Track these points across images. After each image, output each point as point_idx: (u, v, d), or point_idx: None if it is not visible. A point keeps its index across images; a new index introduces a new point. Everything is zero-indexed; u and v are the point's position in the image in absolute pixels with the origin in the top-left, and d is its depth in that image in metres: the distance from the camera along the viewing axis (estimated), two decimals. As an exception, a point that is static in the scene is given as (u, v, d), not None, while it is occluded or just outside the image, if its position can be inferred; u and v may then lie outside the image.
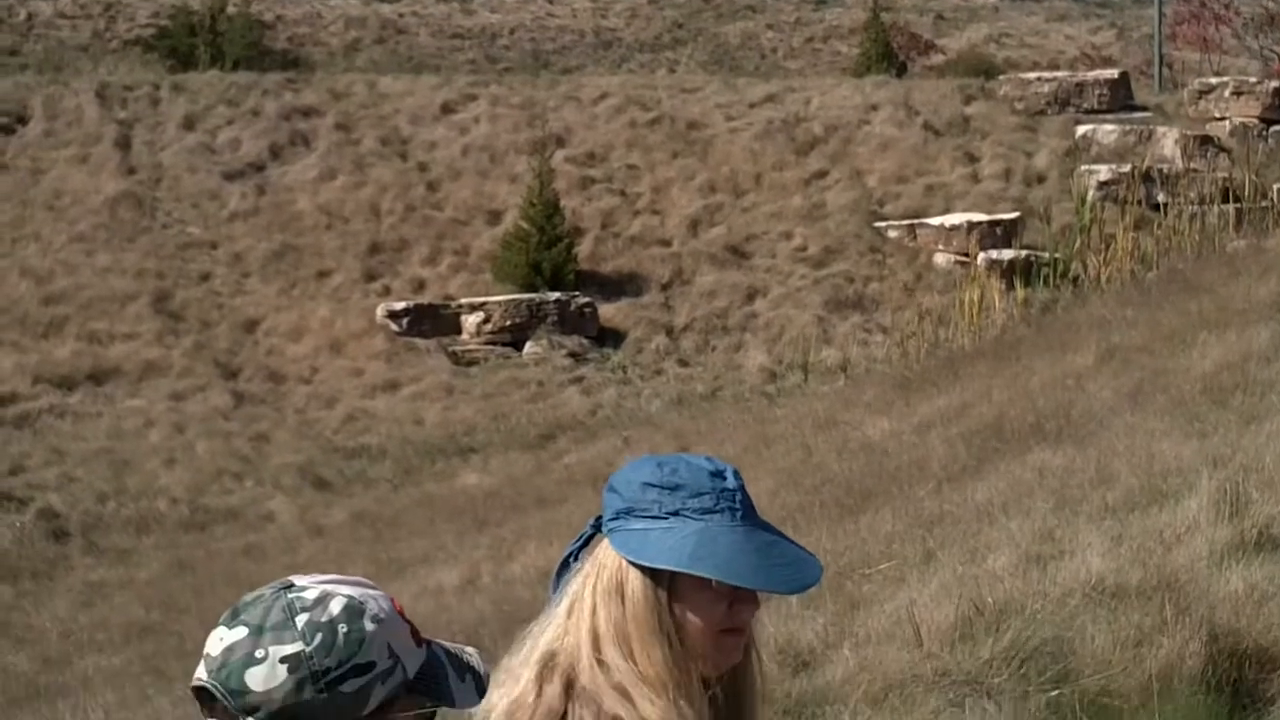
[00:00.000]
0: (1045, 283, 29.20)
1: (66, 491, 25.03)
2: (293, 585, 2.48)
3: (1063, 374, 17.59)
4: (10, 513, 24.05)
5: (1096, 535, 9.55)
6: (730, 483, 3.34)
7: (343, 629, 2.41)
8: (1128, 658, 7.57)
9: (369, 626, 2.44)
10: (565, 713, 3.24)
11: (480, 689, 2.58)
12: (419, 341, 31.47)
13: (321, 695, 2.38)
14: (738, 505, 3.32)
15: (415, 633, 2.54)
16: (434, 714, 2.57)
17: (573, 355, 31.52)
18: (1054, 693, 7.18)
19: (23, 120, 35.13)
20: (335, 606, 2.43)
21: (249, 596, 2.49)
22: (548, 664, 3.30)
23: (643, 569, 3.28)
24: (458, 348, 31.61)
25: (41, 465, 25.83)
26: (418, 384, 30.26)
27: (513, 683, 3.35)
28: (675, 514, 3.30)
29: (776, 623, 8.47)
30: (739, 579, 3.25)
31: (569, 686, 3.26)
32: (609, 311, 32.66)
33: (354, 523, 22.92)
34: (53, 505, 24.46)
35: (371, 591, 2.51)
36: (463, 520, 21.15)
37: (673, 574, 3.26)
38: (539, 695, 3.27)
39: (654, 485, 3.34)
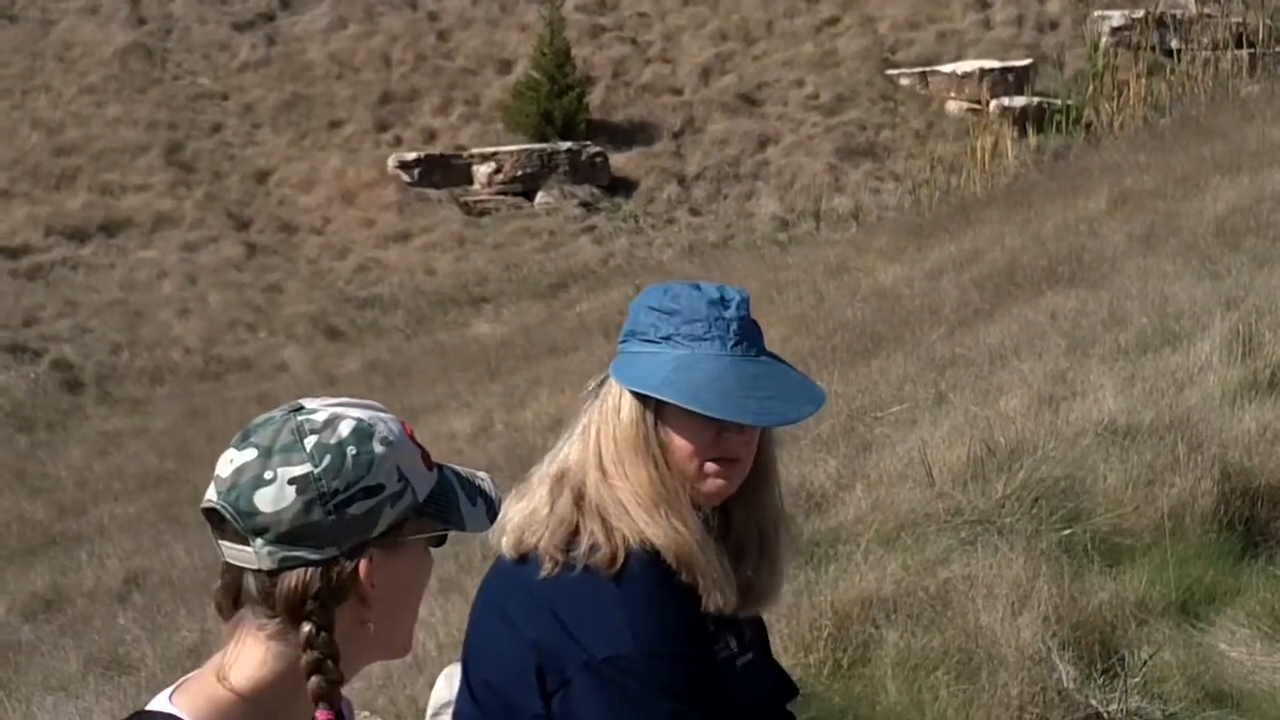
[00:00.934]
0: (1058, 129, 29.06)
1: (80, 343, 25.07)
2: (302, 408, 2.48)
3: (1075, 219, 17.53)
4: (25, 364, 24.10)
5: (1109, 376, 9.54)
6: (731, 311, 3.34)
7: (351, 451, 2.41)
8: (1139, 497, 7.58)
9: (378, 449, 2.43)
10: (577, 526, 3.28)
11: (492, 513, 2.58)
12: (430, 192, 31.40)
13: (330, 517, 2.38)
14: (732, 334, 3.32)
15: (426, 456, 2.54)
16: (445, 537, 2.57)
17: (584, 205, 31.45)
18: (1066, 531, 7.19)
19: (31, -29, 34.88)
20: (344, 429, 2.43)
21: (259, 419, 2.49)
22: (559, 480, 3.37)
23: (633, 391, 3.32)
24: (469, 198, 31.54)
25: (55, 317, 25.84)
26: (429, 234, 30.22)
27: (529, 497, 3.40)
28: (667, 339, 3.33)
29: (788, 465, 8.49)
30: (703, 406, 3.25)
31: (579, 500, 3.32)
32: (620, 161, 32.54)
33: (367, 372, 22.97)
34: (66, 356, 24.50)
35: (382, 414, 2.51)
36: (475, 369, 21.18)
37: (659, 398, 3.29)
38: (551, 509, 3.33)
39: (654, 309, 3.37)
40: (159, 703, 2.47)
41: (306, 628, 2.40)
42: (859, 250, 22.15)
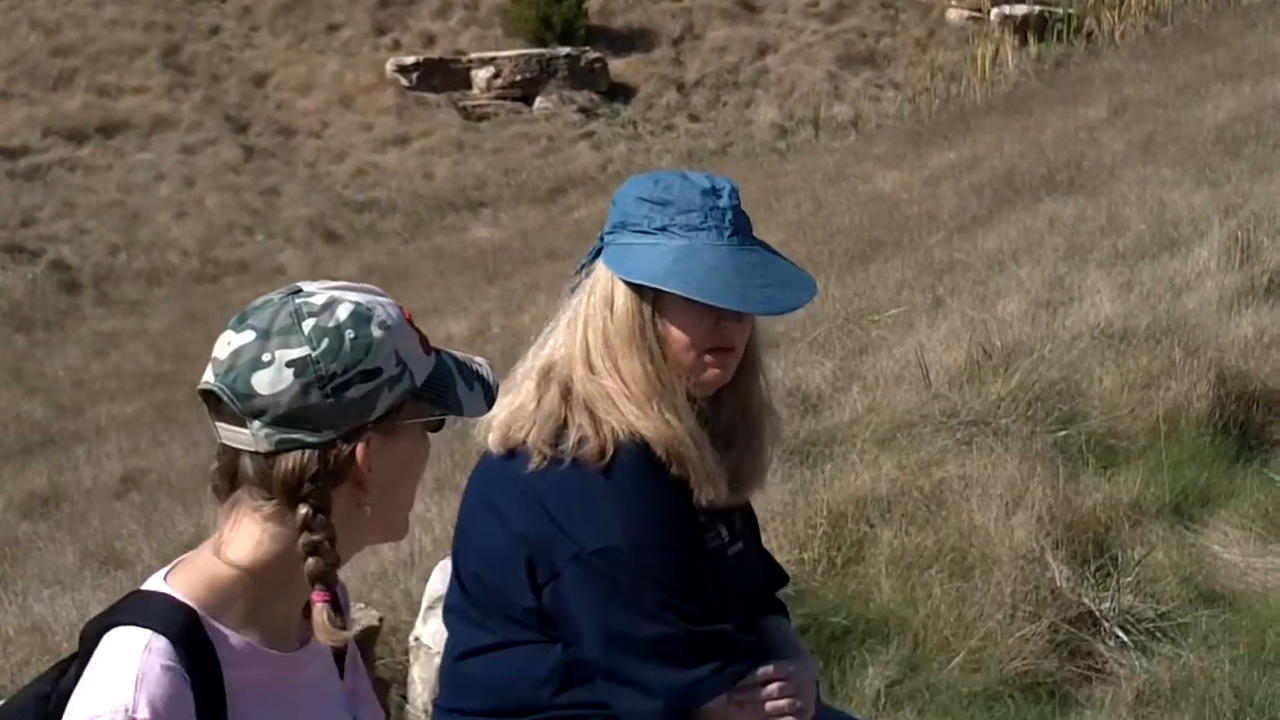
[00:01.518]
0: (1059, 38, 28.93)
1: (78, 244, 25.02)
2: (300, 290, 2.47)
3: (1075, 127, 17.51)
4: (22, 264, 24.07)
5: (1106, 281, 9.55)
6: (724, 201, 3.33)
7: (349, 334, 2.41)
8: (1135, 400, 7.58)
9: (376, 332, 2.43)
10: (565, 420, 3.28)
11: (489, 398, 2.58)
12: (429, 96, 31.29)
13: (328, 400, 2.38)
14: (727, 224, 3.31)
15: (424, 341, 2.53)
16: (442, 422, 2.57)
17: (583, 110, 31.35)
18: (1061, 433, 7.20)
19: None
20: (342, 312, 2.43)
21: (257, 301, 2.48)
22: (546, 374, 3.37)
23: (628, 283, 3.30)
24: (468, 102, 31.43)
25: (52, 218, 25.79)
26: (428, 138, 30.13)
27: (515, 393, 3.39)
28: (662, 229, 3.30)
29: (785, 367, 8.51)
30: (710, 297, 3.25)
31: (566, 394, 3.31)
32: (619, 67, 32.42)
33: (364, 275, 22.91)
34: (64, 257, 24.47)
35: (380, 299, 2.51)
36: (472, 273, 21.18)
37: (657, 289, 3.28)
38: (538, 404, 3.32)
39: (646, 200, 3.34)
40: (154, 583, 2.48)
41: (304, 510, 2.41)
42: (858, 158, 22.13)
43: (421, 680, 5.21)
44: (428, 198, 27.68)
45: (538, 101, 31.43)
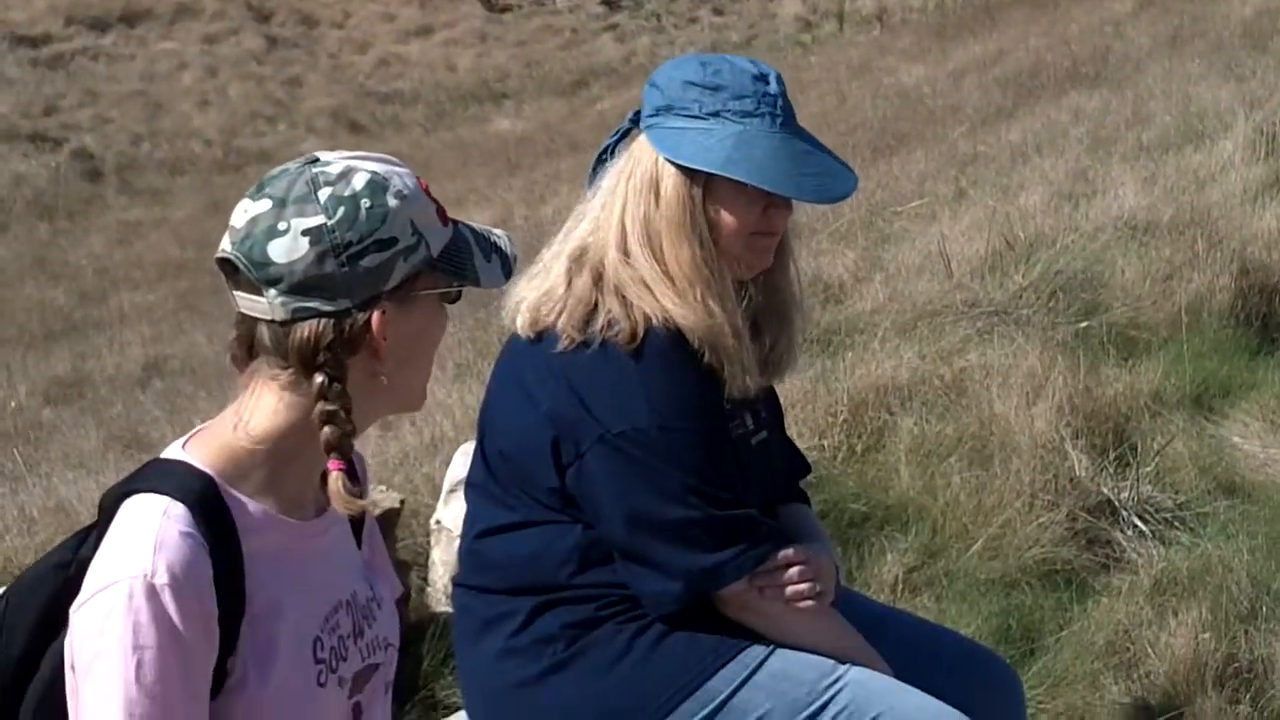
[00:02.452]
0: (1088, -69, 28.70)
1: (100, 133, 25.02)
2: (318, 160, 2.47)
3: (1101, 20, 17.40)
4: (45, 153, 24.09)
5: (1130, 174, 9.52)
6: (773, 87, 3.31)
7: (365, 203, 2.40)
8: (1157, 291, 7.57)
9: (392, 202, 2.43)
10: (595, 304, 3.27)
11: (507, 270, 2.58)
12: (452, -13, 31.18)
13: (343, 269, 2.38)
14: (779, 111, 3.30)
15: (441, 211, 2.53)
16: (460, 293, 2.57)
17: (606, 3, 31.24)
18: (1083, 324, 7.18)
19: None
20: (359, 181, 2.42)
21: (274, 170, 2.48)
22: (577, 258, 3.34)
23: (679, 167, 3.27)
24: (492, -7, 31.33)
25: (75, 106, 25.79)
26: (451, 30, 30.05)
27: (544, 275, 3.38)
28: (715, 115, 3.27)
29: (807, 258, 8.49)
30: (773, 185, 3.24)
31: (598, 279, 3.29)
32: (644, -42, 32.26)
33: (387, 166, 22.90)
34: (87, 146, 24.48)
35: (397, 169, 2.50)
36: (495, 164, 21.13)
37: (709, 174, 3.25)
38: (569, 287, 3.30)
39: (696, 84, 3.31)
40: (173, 450, 2.49)
41: (319, 379, 2.42)
42: (882, 51, 22.01)
43: (442, 562, 5.24)
44: (450, 89, 27.64)
45: (561, -8, 31.32)
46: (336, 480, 2.42)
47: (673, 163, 3.27)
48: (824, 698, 3.29)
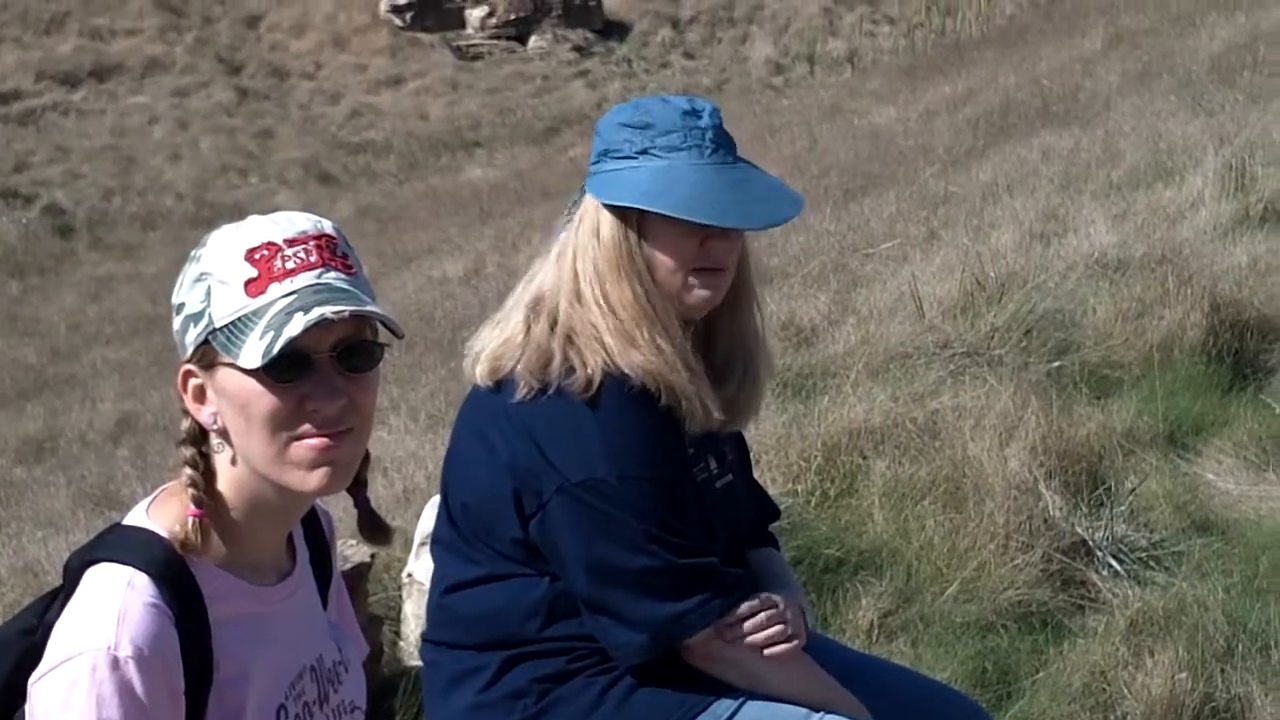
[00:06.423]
0: (1055, -30, 28.82)
1: (71, 188, 25.00)
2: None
3: (1070, 59, 17.47)
4: (16, 209, 24.06)
5: (1101, 212, 9.53)
6: (705, 121, 3.31)
7: (187, 266, 2.42)
8: (1129, 329, 7.57)
9: (192, 267, 2.38)
10: (552, 351, 3.25)
11: (273, 350, 2.40)
12: (423, 36, 31.22)
13: (174, 330, 2.43)
14: (708, 143, 3.29)
15: (263, 279, 2.40)
16: (281, 366, 2.43)
17: (578, 49, 31.28)
18: (1055, 364, 7.19)
19: None
20: (205, 241, 2.43)
21: None
22: (534, 306, 3.34)
23: (612, 209, 3.28)
24: (462, 42, 31.37)
25: (46, 162, 25.77)
26: (422, 79, 30.08)
27: (504, 324, 3.36)
28: (644, 152, 3.28)
29: (778, 301, 8.48)
30: (696, 215, 3.22)
31: (554, 325, 3.28)
32: (613, 4, 32.33)
33: (359, 217, 22.90)
34: (58, 201, 24.46)
35: (252, 228, 2.38)
36: (467, 213, 21.14)
37: (641, 212, 3.25)
38: (527, 334, 3.30)
39: (627, 125, 3.32)
40: (136, 517, 2.46)
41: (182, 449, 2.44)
42: (853, 93, 22.07)
43: (414, 616, 5.21)
44: (422, 138, 27.66)
45: (532, 40, 31.38)
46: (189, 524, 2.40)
47: (606, 205, 3.28)
48: (799, 746, 3.27)
